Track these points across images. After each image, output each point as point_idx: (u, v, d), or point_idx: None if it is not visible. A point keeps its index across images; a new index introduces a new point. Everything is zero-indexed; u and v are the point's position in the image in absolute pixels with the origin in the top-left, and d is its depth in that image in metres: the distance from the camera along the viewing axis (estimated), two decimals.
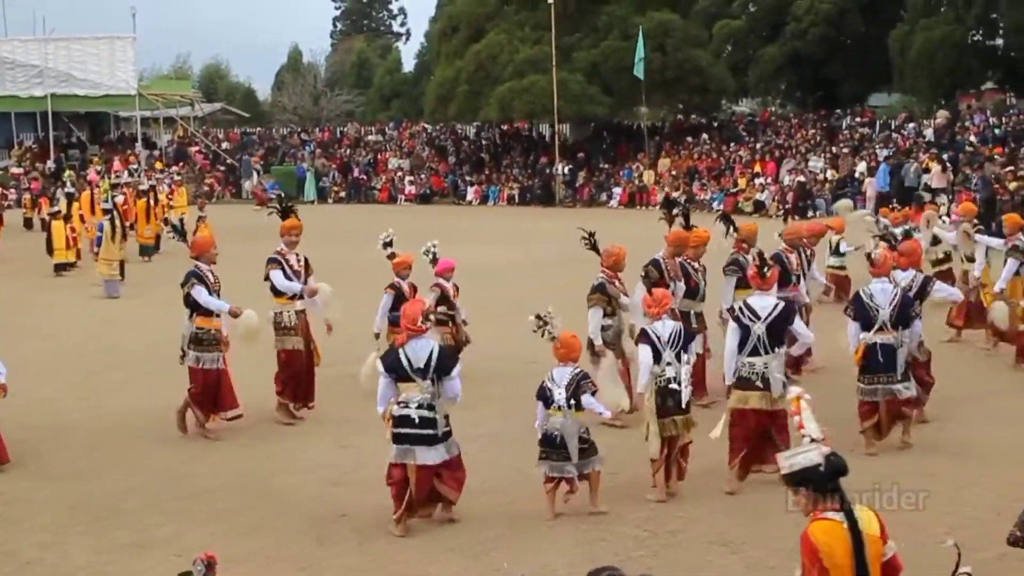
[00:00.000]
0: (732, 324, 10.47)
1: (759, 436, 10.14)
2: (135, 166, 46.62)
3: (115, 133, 59.50)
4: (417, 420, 9.11)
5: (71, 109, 53.47)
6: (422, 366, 9.11)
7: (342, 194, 50.13)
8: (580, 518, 9.56)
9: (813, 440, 5.34)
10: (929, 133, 40.38)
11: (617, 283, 12.54)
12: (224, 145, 56.79)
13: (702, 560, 8.72)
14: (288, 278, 13.03)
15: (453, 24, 52.66)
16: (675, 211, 14.37)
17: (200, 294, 12.35)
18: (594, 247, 12.50)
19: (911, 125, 42.47)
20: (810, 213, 35.82)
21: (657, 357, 9.87)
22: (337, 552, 8.98)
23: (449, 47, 51.78)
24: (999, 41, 49.51)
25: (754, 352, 10.15)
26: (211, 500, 10.22)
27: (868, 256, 11.66)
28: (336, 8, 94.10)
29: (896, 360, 11.08)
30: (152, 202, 30.40)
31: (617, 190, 45.68)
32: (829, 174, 40.03)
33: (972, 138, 37.66)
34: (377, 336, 13.97)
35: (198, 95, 62.43)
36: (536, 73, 46.11)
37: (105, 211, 24.35)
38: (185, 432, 12.48)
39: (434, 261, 14.66)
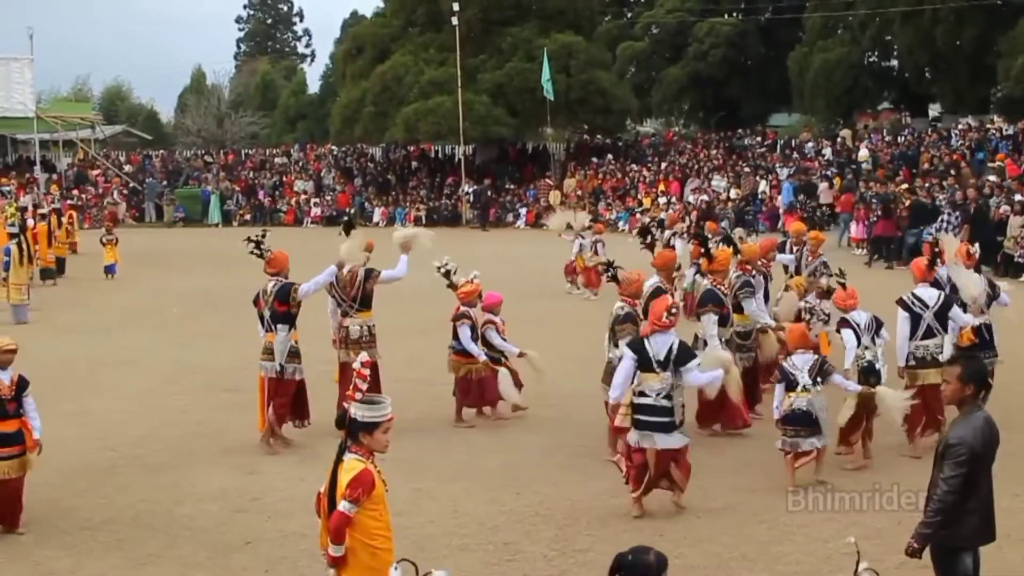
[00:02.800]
0: (903, 314, 11.89)
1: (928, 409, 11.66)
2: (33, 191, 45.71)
3: (12, 156, 58.26)
4: (656, 408, 9.80)
5: None
6: (662, 358, 9.83)
7: (247, 217, 49.60)
8: (489, 539, 9.56)
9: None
10: (828, 152, 41.21)
11: (639, 310, 11.85)
12: (126, 168, 55.89)
13: None
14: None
15: (358, 45, 52.55)
16: (648, 239, 14.02)
17: (307, 287, 12.51)
18: (614, 278, 12.09)
19: (809, 144, 43.32)
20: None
21: (857, 341, 11.37)
22: None
23: (354, 68, 51.63)
24: (894, 62, 50.91)
25: (927, 335, 11.80)
26: (110, 531, 9.96)
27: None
28: (240, 29, 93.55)
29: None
30: (55, 226, 29.86)
31: (523, 211, 45.87)
32: (732, 193, 40.61)
33: (863, 153, 38.64)
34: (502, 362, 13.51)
35: (99, 117, 61.39)
36: (441, 94, 46.19)
37: (11, 235, 23.84)
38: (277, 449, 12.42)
39: (452, 285, 13.86)
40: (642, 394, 9.89)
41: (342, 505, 6.27)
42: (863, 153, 38.35)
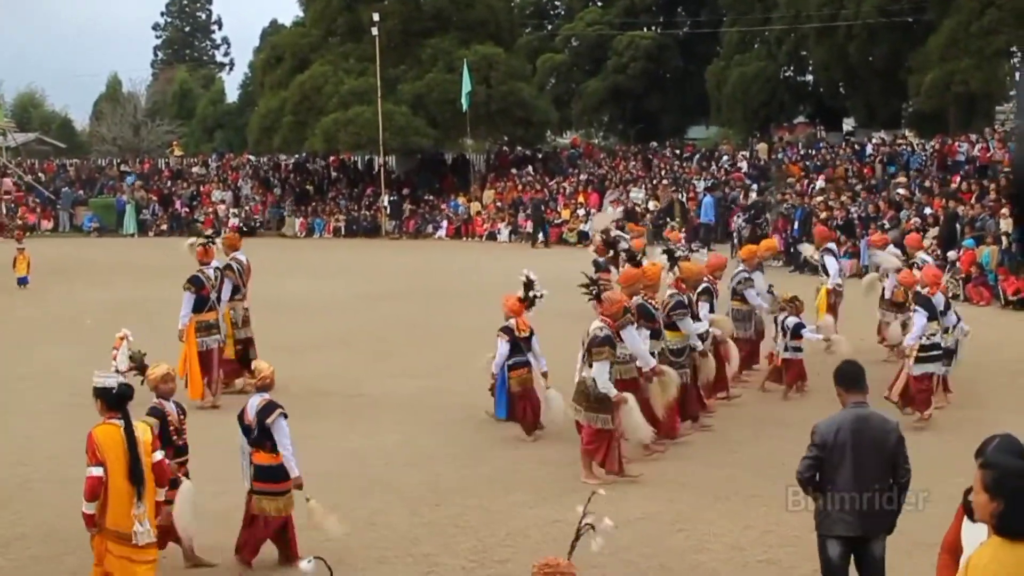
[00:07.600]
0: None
1: None
2: None
3: None
4: (939, 346, 13.83)
5: None
6: (942, 309, 13.93)
7: (164, 227, 48.96)
8: (408, 551, 9.55)
9: (118, 371, 8.25)
10: (744, 165, 41.78)
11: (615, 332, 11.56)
12: (40, 176, 54.86)
13: None
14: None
15: (277, 54, 52.12)
16: (614, 251, 13.90)
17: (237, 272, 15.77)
18: (597, 296, 11.85)
19: (725, 157, 43.87)
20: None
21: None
22: None
23: (273, 78, 51.19)
24: (809, 77, 51.86)
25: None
26: (22, 547, 9.80)
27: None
28: (157, 37, 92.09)
29: None
30: None
31: (444, 222, 45.82)
32: (650, 205, 40.94)
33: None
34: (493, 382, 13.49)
35: (11, 124, 60.11)
36: (361, 104, 45.98)
37: None
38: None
39: (527, 298, 13.53)
40: (931, 335, 13.61)
41: (162, 453, 7.90)
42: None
